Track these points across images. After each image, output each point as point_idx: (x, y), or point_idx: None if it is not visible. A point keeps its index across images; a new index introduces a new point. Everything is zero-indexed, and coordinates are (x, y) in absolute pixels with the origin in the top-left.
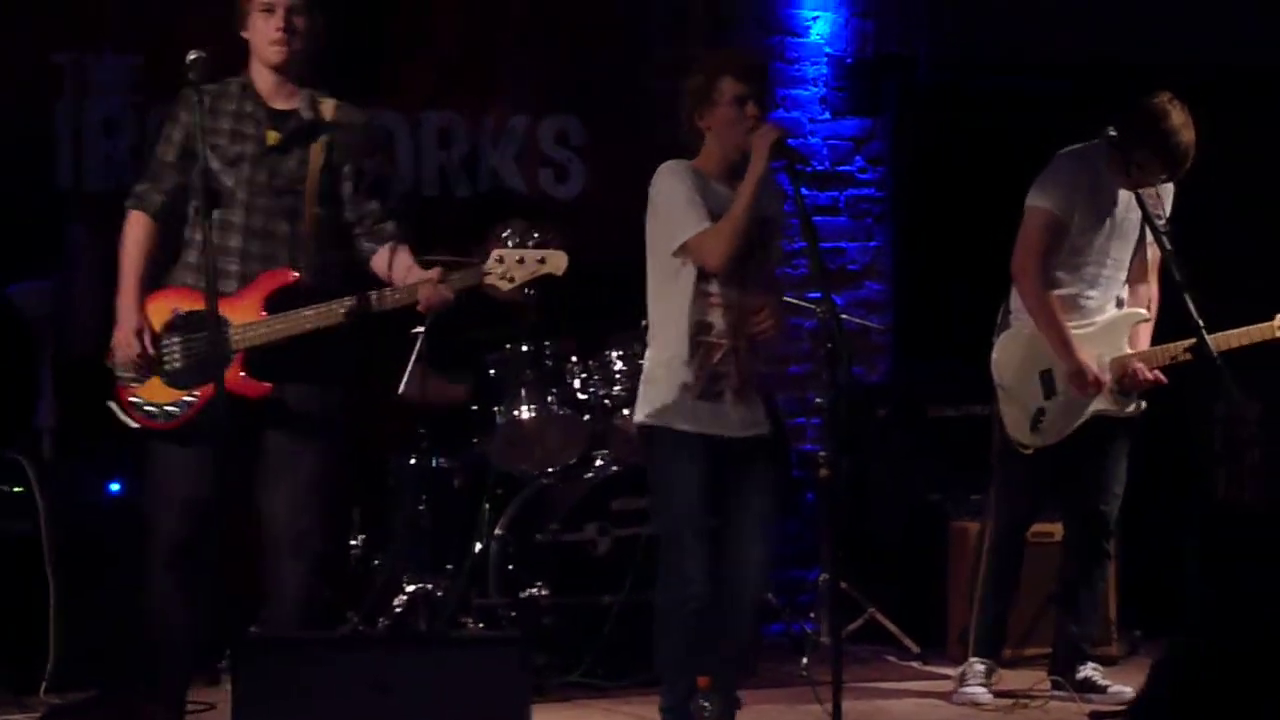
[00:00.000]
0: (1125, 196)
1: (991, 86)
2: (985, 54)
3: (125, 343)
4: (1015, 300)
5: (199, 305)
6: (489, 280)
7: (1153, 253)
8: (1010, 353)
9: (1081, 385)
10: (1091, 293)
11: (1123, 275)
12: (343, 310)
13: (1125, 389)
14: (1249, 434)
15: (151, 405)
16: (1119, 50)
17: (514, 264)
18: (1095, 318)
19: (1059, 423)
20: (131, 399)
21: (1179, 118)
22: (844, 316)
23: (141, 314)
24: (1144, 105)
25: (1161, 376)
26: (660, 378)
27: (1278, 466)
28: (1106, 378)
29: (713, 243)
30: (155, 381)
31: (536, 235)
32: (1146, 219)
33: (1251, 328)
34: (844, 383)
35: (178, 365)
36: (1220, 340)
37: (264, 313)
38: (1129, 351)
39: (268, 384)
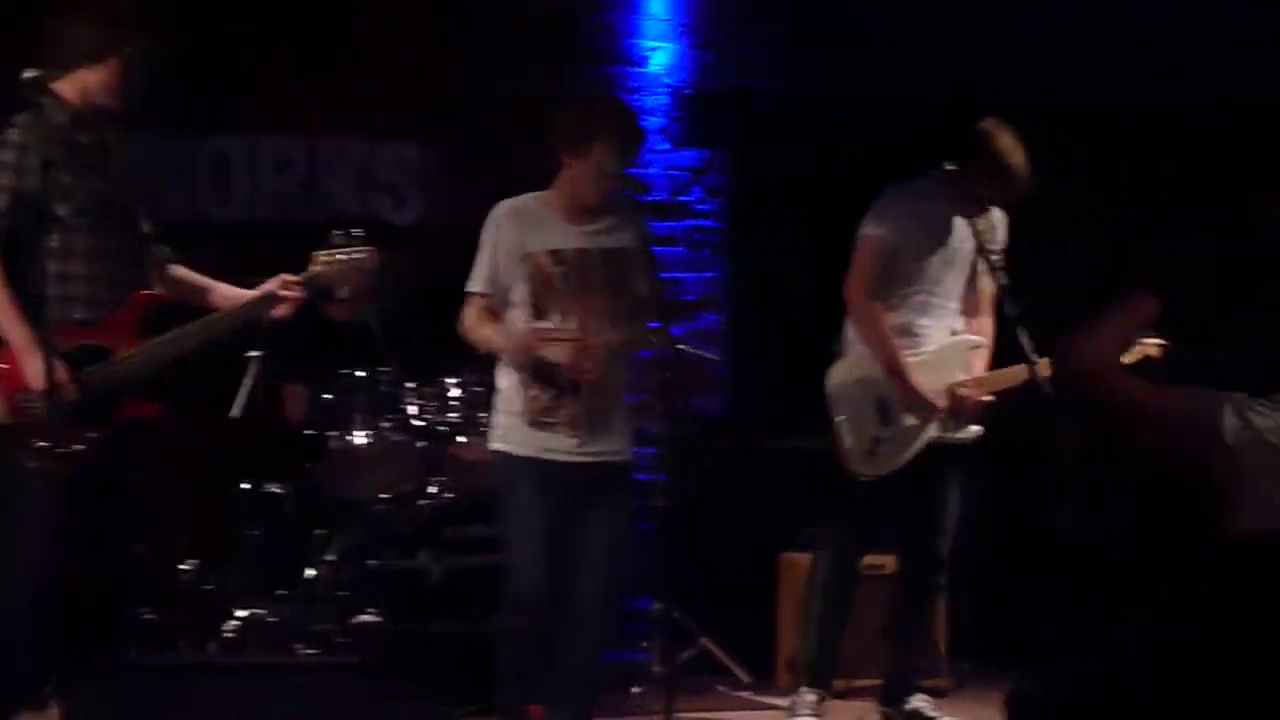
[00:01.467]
0: (960, 227)
1: (830, 121)
2: (825, 89)
3: (49, 381)
4: (851, 329)
5: (76, 339)
6: (314, 269)
7: (987, 284)
8: (846, 381)
9: (917, 410)
10: (924, 320)
11: (955, 304)
12: (220, 327)
13: (958, 414)
14: (1080, 469)
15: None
16: (957, 88)
17: (332, 257)
18: (929, 345)
19: (895, 452)
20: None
21: (1007, 141)
22: (680, 347)
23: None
24: (973, 132)
25: (992, 398)
26: (501, 404)
27: (1107, 504)
28: (941, 403)
29: (469, 320)
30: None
31: (356, 237)
32: (980, 250)
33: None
34: (682, 412)
35: (79, 401)
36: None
37: (139, 337)
38: (963, 377)
39: (156, 404)
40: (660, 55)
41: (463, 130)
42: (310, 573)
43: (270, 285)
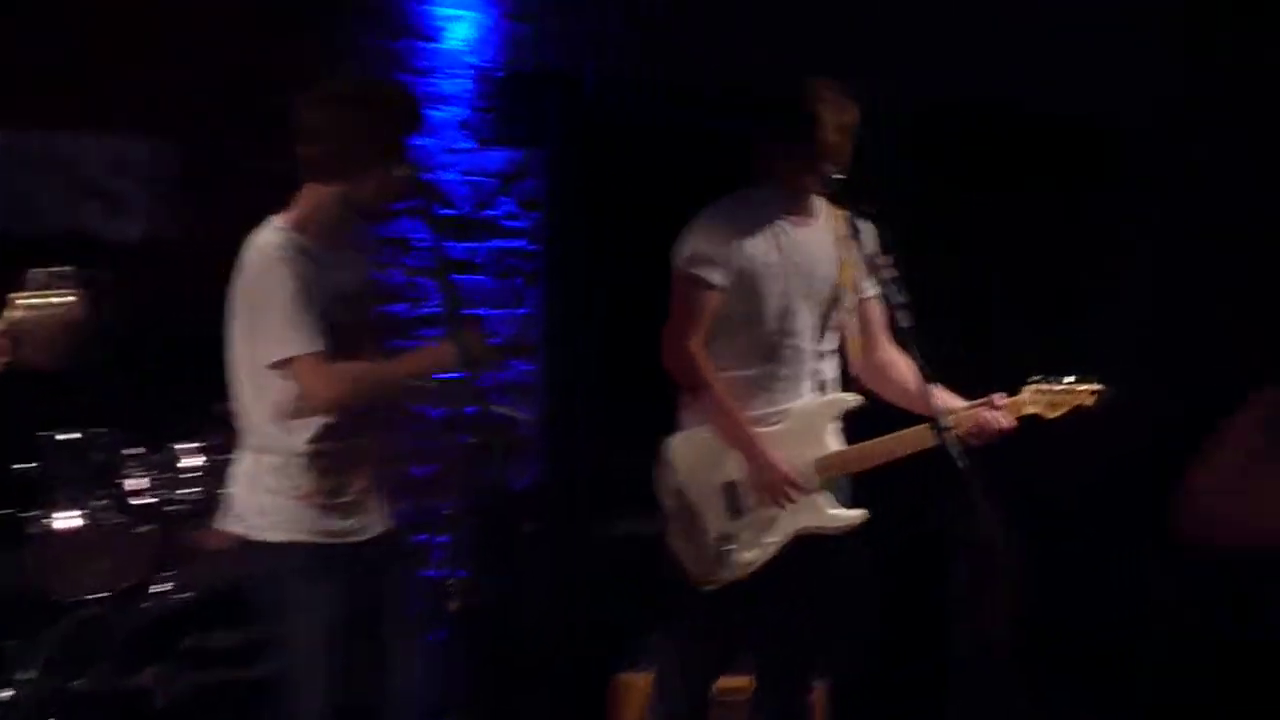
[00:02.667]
0: (816, 241)
1: (680, 113)
2: (673, 73)
3: None
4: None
5: None
6: (13, 314)
7: (875, 310)
8: (682, 462)
9: (770, 492)
10: (781, 370)
11: (822, 344)
12: None
13: (836, 495)
14: (994, 560)
15: None
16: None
17: (31, 302)
18: (789, 403)
19: (750, 550)
20: None
21: (829, 94)
22: (485, 404)
23: None
24: (785, 102)
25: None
26: (268, 480)
27: (1022, 600)
28: (809, 484)
29: (325, 386)
30: None
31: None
32: (854, 266)
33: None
34: (486, 488)
35: None
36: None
37: None
38: (836, 448)
39: None
40: (461, 27)
41: (203, 125)
42: (4, 693)
43: None
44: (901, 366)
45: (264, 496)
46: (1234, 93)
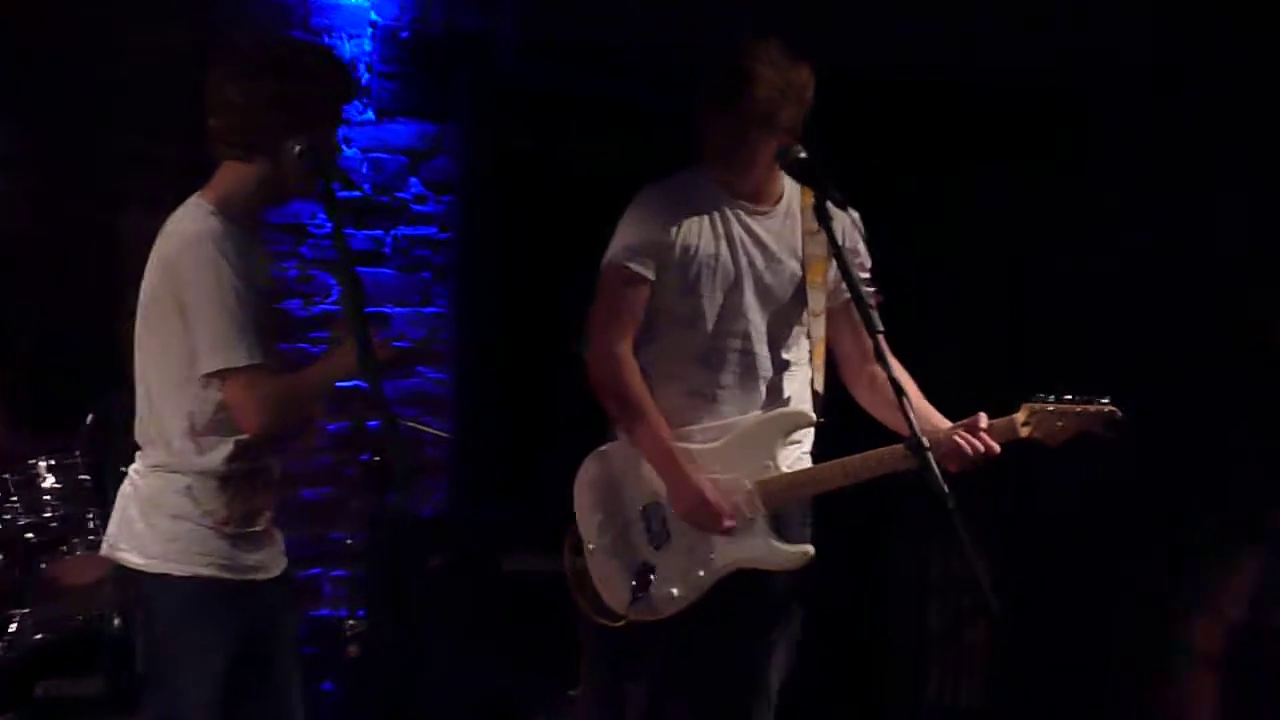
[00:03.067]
0: (774, 232)
1: (618, 83)
2: (609, 35)
3: None
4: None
5: None
6: None
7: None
8: (595, 483)
9: (692, 519)
10: (724, 379)
11: (784, 352)
12: None
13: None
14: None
15: None
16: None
17: None
18: (733, 418)
19: (676, 585)
20: None
21: (768, 52)
22: (391, 418)
23: None
24: (726, 69)
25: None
26: (173, 503)
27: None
28: (754, 509)
29: (261, 405)
30: None
31: None
32: (836, 253)
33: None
34: (388, 515)
35: None
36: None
37: None
38: (784, 469)
39: None
40: None
41: (43, 98)
42: None
43: None
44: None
45: (166, 522)
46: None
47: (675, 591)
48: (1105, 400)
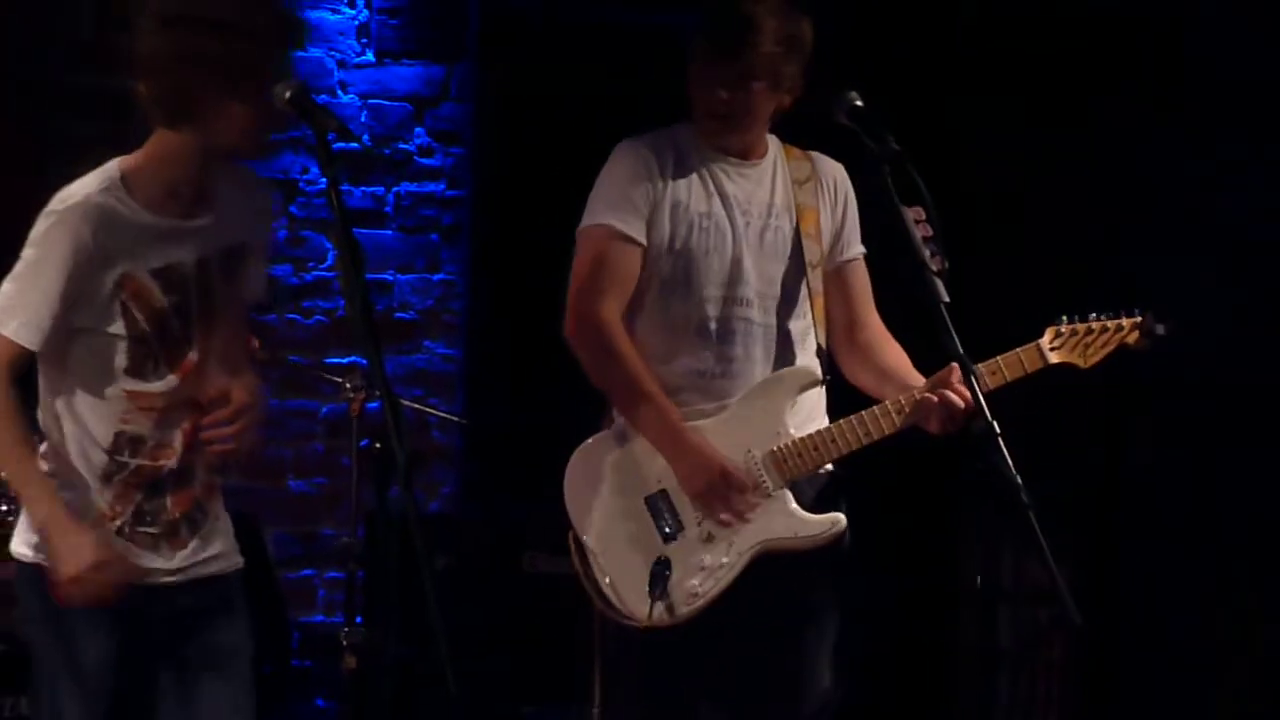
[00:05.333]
0: (765, 184)
1: (643, 18)
2: None
3: None
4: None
5: None
6: None
7: (859, 274)
8: (587, 482)
9: (709, 499)
10: (727, 351)
11: (786, 318)
12: None
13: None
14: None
15: None
16: None
17: None
18: (732, 394)
19: (696, 577)
20: None
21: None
22: (395, 399)
23: None
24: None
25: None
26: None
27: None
28: (774, 482)
29: None
30: None
31: None
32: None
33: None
34: (391, 509)
35: None
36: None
37: None
38: (796, 433)
39: None
40: None
41: None
42: None
43: None
44: (890, 352)
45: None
46: None
47: (697, 585)
48: (1136, 310)
